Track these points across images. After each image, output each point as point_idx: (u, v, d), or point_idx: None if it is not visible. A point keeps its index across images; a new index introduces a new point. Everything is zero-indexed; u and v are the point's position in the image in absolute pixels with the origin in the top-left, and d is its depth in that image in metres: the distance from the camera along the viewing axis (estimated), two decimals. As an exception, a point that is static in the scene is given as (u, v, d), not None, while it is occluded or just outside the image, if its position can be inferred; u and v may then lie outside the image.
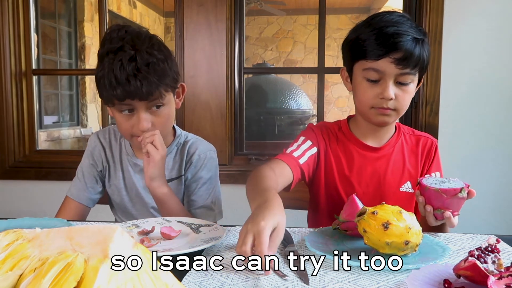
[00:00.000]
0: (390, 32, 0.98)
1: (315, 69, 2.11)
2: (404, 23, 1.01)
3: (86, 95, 5.92)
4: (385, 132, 1.14)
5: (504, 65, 1.82)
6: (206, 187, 1.20)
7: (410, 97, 1.04)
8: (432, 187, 0.88)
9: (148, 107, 1.07)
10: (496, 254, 0.63)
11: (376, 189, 1.13)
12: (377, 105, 1.03)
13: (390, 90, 1.00)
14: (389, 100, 1.01)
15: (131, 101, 1.04)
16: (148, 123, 1.07)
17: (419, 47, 0.99)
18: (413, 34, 0.99)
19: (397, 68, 0.99)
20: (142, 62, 1.02)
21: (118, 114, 1.09)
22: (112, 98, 1.04)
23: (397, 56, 0.98)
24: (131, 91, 1.01)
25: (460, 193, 0.87)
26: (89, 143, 1.26)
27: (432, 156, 1.16)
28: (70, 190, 1.22)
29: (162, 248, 0.81)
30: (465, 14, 1.82)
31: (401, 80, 1.01)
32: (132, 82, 1.00)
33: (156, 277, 0.44)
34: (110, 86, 1.01)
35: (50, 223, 0.96)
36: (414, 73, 1.02)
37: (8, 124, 2.06)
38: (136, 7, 7.00)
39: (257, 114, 3.34)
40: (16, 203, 2.08)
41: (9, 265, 0.42)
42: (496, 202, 1.87)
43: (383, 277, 0.69)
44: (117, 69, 1.01)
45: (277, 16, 7.22)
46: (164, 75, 1.06)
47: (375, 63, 1.00)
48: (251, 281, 0.68)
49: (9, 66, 2.04)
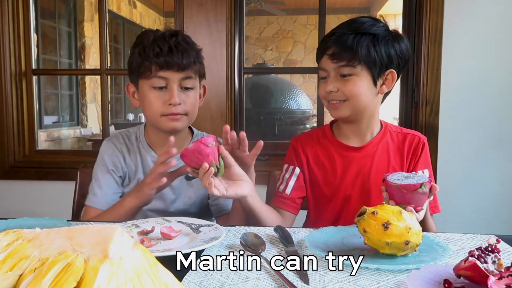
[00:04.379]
0: (333, 33, 1.11)
1: (315, 69, 2.10)
2: (353, 22, 1.10)
3: (86, 95, 5.92)
4: (365, 130, 1.17)
5: (504, 65, 1.82)
6: None
7: (358, 88, 1.09)
8: (393, 183, 0.91)
9: (181, 84, 1.13)
10: (496, 254, 0.63)
11: (361, 188, 1.15)
12: (327, 98, 1.13)
13: (329, 84, 1.10)
14: (329, 92, 1.11)
15: (168, 73, 1.11)
16: (180, 98, 1.12)
17: (353, 41, 1.06)
18: (348, 31, 1.08)
19: (333, 62, 1.09)
20: (182, 39, 1.14)
21: (149, 91, 1.13)
22: (152, 66, 1.10)
23: (330, 52, 1.09)
24: (172, 60, 1.10)
25: (420, 189, 0.88)
26: (102, 150, 1.23)
27: (419, 153, 1.16)
28: (90, 199, 1.19)
29: (162, 248, 0.81)
30: (465, 14, 1.82)
31: (343, 73, 1.09)
32: (174, 52, 1.10)
33: (156, 277, 0.44)
34: (153, 54, 1.09)
35: (50, 223, 0.96)
36: (353, 65, 1.07)
37: (8, 124, 2.06)
38: (136, 7, 7.01)
39: (257, 114, 3.34)
40: (16, 203, 2.08)
41: (9, 265, 0.42)
42: (496, 202, 1.87)
43: (383, 277, 0.69)
44: (160, 40, 1.11)
45: (277, 16, 7.22)
46: (199, 57, 1.17)
47: (320, 62, 1.14)
48: (251, 281, 0.68)
49: (9, 66, 2.04)
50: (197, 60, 1.15)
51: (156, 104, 1.12)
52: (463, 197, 1.87)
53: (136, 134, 1.25)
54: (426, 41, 1.83)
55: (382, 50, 1.07)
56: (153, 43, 1.11)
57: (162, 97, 1.12)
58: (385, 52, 1.08)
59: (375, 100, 1.13)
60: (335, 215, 1.17)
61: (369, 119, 1.15)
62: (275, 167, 1.47)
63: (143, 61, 1.11)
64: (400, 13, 2.01)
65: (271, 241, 0.88)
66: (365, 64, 1.07)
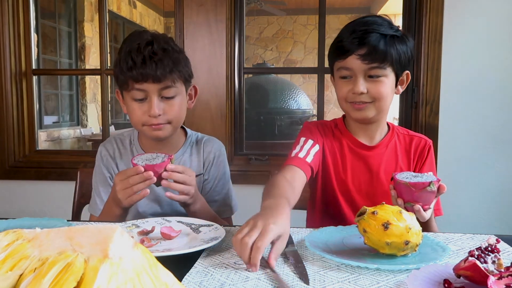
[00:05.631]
0: (356, 31, 1.06)
1: (315, 69, 2.11)
2: (374, 23, 1.07)
3: (86, 95, 5.92)
4: (375, 130, 1.17)
5: (504, 65, 1.82)
6: (222, 183, 1.24)
7: (387, 89, 1.08)
8: (402, 181, 0.92)
9: (161, 94, 1.10)
10: (496, 254, 0.63)
11: (368, 187, 1.15)
12: (351, 100, 1.09)
13: (360, 85, 1.06)
14: (360, 94, 1.06)
15: (145, 85, 1.08)
16: (159, 109, 1.10)
17: (384, 42, 1.04)
18: (379, 31, 1.05)
19: (364, 63, 1.05)
20: (158, 47, 1.08)
21: (131, 102, 1.12)
22: (127, 80, 1.08)
23: (362, 52, 1.04)
24: (146, 73, 1.06)
25: (428, 187, 0.90)
26: (98, 156, 1.25)
27: (425, 156, 1.17)
28: (91, 207, 1.22)
29: (162, 248, 0.81)
30: (465, 14, 1.82)
31: (372, 74, 1.06)
32: (148, 64, 1.05)
33: (156, 277, 0.44)
34: (127, 68, 1.06)
35: (50, 223, 0.96)
36: (384, 67, 1.06)
37: (8, 124, 2.06)
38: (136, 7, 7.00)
39: (257, 114, 3.33)
40: (16, 203, 2.08)
41: (9, 265, 0.42)
42: (496, 202, 1.87)
43: (383, 277, 0.69)
44: (134, 52, 1.07)
45: (277, 16, 7.22)
46: (178, 63, 1.11)
47: (344, 61, 1.07)
48: (251, 281, 0.68)
49: (9, 66, 2.04)
50: (174, 68, 1.09)
51: (137, 114, 1.11)
52: (463, 197, 1.87)
53: (130, 138, 1.26)
54: (426, 41, 1.83)
55: (405, 52, 1.08)
56: (127, 55, 1.08)
57: (142, 108, 1.10)
58: (406, 54, 1.08)
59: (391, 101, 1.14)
60: (340, 210, 1.17)
61: (381, 119, 1.16)
62: (275, 167, 1.47)
63: (119, 75, 1.10)
64: (400, 13, 2.01)
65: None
66: (393, 66, 1.07)
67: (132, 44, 1.09)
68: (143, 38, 1.09)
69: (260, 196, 1.14)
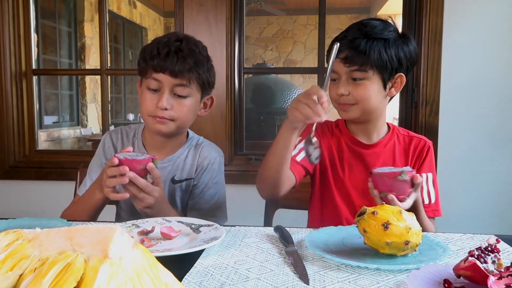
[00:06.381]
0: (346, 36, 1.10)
1: (315, 69, 2.11)
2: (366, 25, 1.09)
3: (86, 95, 5.92)
4: (372, 129, 1.19)
5: (504, 65, 1.82)
6: (213, 192, 1.23)
7: (369, 92, 1.10)
8: (376, 172, 0.96)
9: (174, 90, 1.12)
10: (496, 254, 0.63)
11: (365, 184, 1.15)
12: (336, 101, 1.15)
13: (341, 87, 1.11)
14: (341, 96, 1.12)
15: (161, 76, 1.10)
16: (168, 103, 1.11)
17: (366, 45, 1.07)
18: (362, 35, 1.07)
19: (345, 66, 1.09)
20: (186, 46, 1.12)
21: (145, 90, 1.14)
22: (147, 67, 1.11)
23: (343, 55, 1.09)
24: (166, 65, 1.09)
25: (399, 176, 0.93)
26: (102, 142, 1.27)
27: (424, 156, 1.18)
28: (80, 189, 1.23)
29: (162, 248, 0.81)
30: (465, 14, 1.82)
31: (354, 76, 1.10)
32: (170, 57, 1.09)
33: (156, 277, 0.44)
34: (150, 56, 1.10)
35: (50, 223, 0.96)
36: (365, 69, 1.08)
37: (8, 124, 2.06)
38: (136, 7, 7.01)
39: (257, 114, 3.33)
40: (16, 203, 2.08)
41: (9, 265, 0.42)
42: (496, 202, 1.87)
43: (383, 277, 0.69)
44: (162, 43, 1.11)
45: (277, 16, 7.22)
46: (199, 66, 1.13)
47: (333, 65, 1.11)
48: (251, 281, 0.68)
49: (9, 66, 2.04)
50: (194, 69, 1.11)
51: (147, 104, 1.13)
52: (463, 197, 1.87)
53: (135, 132, 1.27)
54: (426, 41, 1.83)
55: (393, 55, 1.09)
56: (154, 45, 1.12)
57: (153, 98, 1.12)
58: (396, 56, 1.09)
59: (383, 103, 1.15)
60: (336, 206, 1.18)
61: (376, 119, 1.17)
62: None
63: (141, 61, 1.14)
64: (400, 13, 2.01)
65: (271, 241, 0.88)
66: (376, 68, 1.08)
67: (164, 38, 1.13)
68: (175, 35, 1.14)
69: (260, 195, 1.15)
